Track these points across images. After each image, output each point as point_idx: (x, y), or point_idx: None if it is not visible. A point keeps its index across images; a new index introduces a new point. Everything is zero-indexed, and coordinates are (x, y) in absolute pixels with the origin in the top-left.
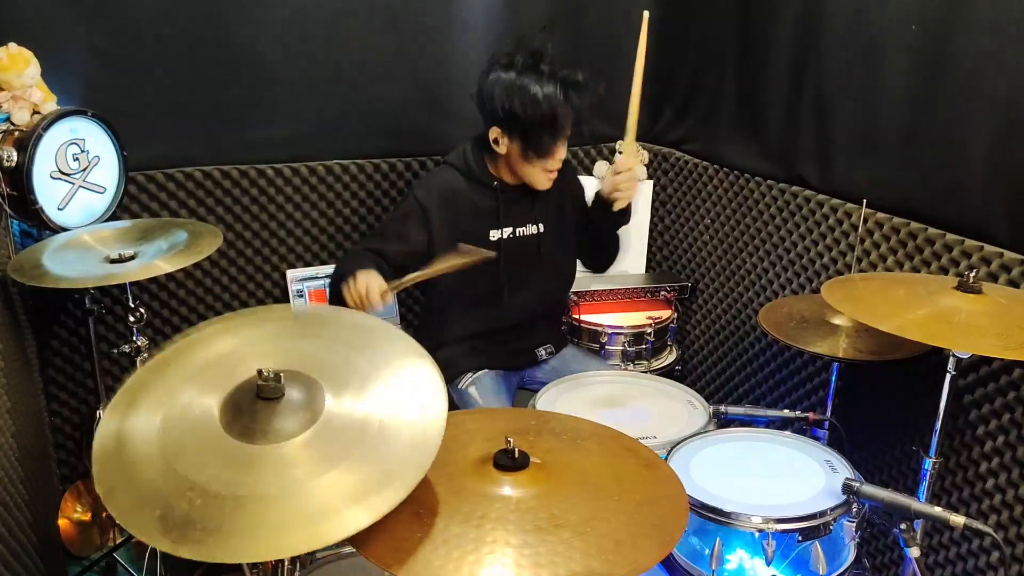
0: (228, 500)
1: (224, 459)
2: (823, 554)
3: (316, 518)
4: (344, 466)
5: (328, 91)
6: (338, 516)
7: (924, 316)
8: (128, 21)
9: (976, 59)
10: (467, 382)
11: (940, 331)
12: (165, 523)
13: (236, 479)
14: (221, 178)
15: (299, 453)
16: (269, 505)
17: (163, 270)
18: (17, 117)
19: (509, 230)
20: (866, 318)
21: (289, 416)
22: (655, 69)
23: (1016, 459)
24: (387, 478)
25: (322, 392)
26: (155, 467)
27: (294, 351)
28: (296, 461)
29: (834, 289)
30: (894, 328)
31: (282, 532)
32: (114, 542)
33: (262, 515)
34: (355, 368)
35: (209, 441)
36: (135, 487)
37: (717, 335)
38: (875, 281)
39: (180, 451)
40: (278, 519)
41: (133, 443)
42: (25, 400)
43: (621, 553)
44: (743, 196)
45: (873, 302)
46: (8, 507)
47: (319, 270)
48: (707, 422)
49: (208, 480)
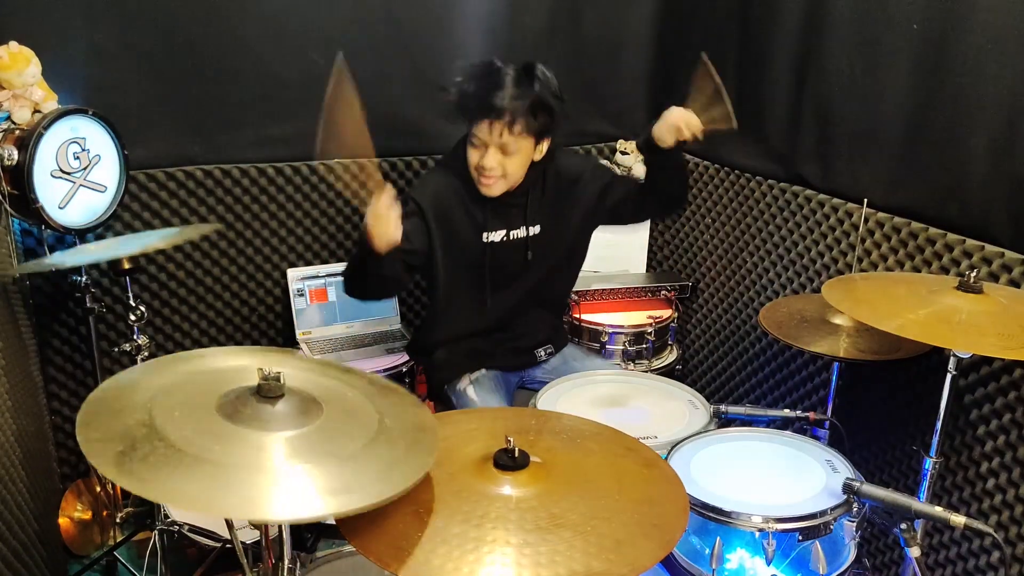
0: (187, 456)
1: (203, 428)
2: (823, 554)
3: (258, 492)
4: (309, 466)
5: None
6: (282, 498)
7: (925, 316)
8: (129, 20)
9: (977, 59)
10: (465, 383)
11: (941, 331)
12: (121, 457)
13: (205, 444)
14: (222, 177)
15: (274, 443)
16: (220, 469)
17: (156, 247)
18: (18, 116)
19: (502, 232)
20: (867, 318)
21: (278, 417)
22: (656, 69)
23: (1017, 459)
24: (346, 488)
25: (319, 415)
26: (137, 416)
27: (320, 385)
28: (268, 448)
29: (835, 289)
30: (895, 328)
31: (219, 493)
32: (114, 541)
33: (211, 475)
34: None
35: (197, 411)
36: (111, 425)
37: (718, 335)
38: (876, 281)
39: (167, 412)
40: (223, 483)
41: (130, 392)
42: (26, 399)
43: (621, 552)
44: (744, 196)
45: (874, 302)
46: (9, 506)
47: (320, 269)
48: (708, 422)
49: (179, 438)
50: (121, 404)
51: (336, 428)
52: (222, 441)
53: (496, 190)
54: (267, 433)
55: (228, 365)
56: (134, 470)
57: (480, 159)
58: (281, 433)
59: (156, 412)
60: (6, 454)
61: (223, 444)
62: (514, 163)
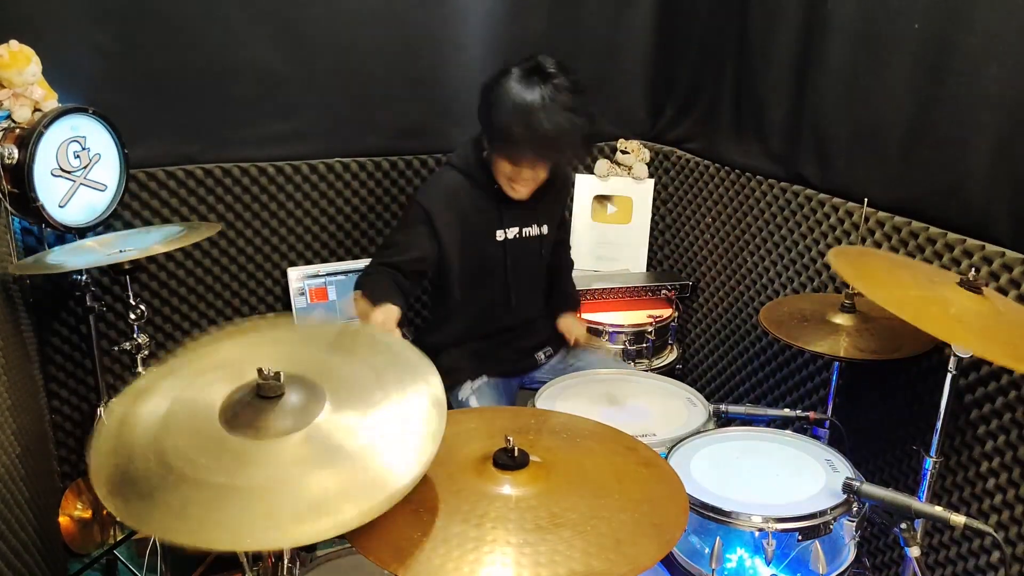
0: (212, 487)
1: (204, 442)
2: (823, 553)
3: (246, 521)
4: (317, 475)
5: (329, 89)
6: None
7: (921, 299)
8: (129, 19)
9: (978, 57)
10: (467, 392)
11: (935, 317)
12: (113, 481)
13: (224, 468)
14: (222, 176)
15: (280, 453)
16: (213, 492)
17: (158, 251)
18: (18, 114)
19: (515, 230)
20: (864, 287)
21: (282, 416)
22: (657, 68)
23: (1017, 459)
24: (347, 497)
25: (322, 401)
26: (148, 461)
27: (309, 360)
28: (269, 460)
29: (842, 256)
30: (886, 301)
31: (207, 521)
32: (114, 539)
33: (195, 498)
34: (364, 386)
35: (201, 425)
36: (131, 482)
37: (718, 334)
38: (883, 259)
39: (174, 445)
40: (210, 507)
41: (129, 431)
42: (26, 398)
43: (621, 552)
44: (744, 195)
45: (876, 276)
46: (9, 504)
47: (320, 268)
48: (707, 421)
49: (182, 462)
50: (128, 450)
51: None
52: (241, 460)
53: (525, 194)
54: (268, 440)
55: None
56: (123, 495)
57: (517, 175)
58: (286, 438)
59: (165, 447)
60: (6, 452)
61: (243, 464)
62: (544, 173)
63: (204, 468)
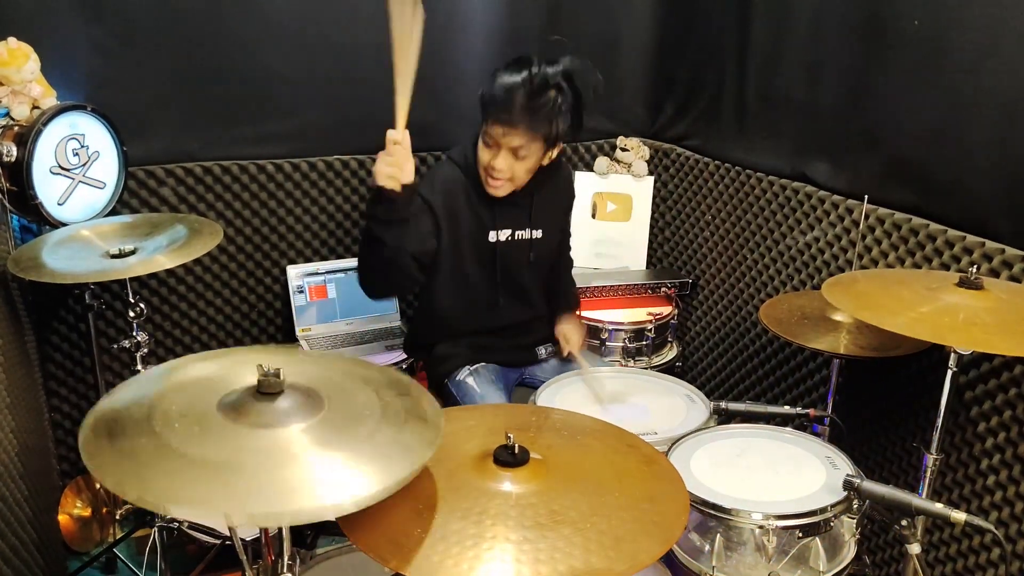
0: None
1: (190, 412)
2: (823, 551)
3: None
4: (337, 452)
5: (328, 86)
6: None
7: (926, 313)
8: (128, 16)
9: (977, 55)
10: (465, 373)
11: (943, 329)
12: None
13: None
14: (221, 173)
15: (250, 440)
16: (243, 470)
17: (163, 265)
18: (17, 112)
19: (508, 232)
20: (868, 317)
21: (266, 412)
22: (656, 66)
23: (1017, 456)
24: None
25: (320, 411)
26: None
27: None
28: (237, 444)
29: (835, 288)
30: (898, 326)
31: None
32: (114, 538)
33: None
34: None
35: (201, 396)
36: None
37: (718, 331)
38: (876, 278)
39: (171, 398)
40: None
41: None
42: (25, 396)
43: (621, 549)
44: (744, 192)
45: (875, 300)
46: (8, 502)
47: (319, 266)
48: (708, 418)
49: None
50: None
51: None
52: (239, 441)
53: (502, 192)
54: (263, 429)
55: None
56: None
57: (491, 159)
58: (280, 429)
59: (161, 406)
60: (5, 451)
61: (212, 440)
62: (523, 167)
63: (175, 432)
